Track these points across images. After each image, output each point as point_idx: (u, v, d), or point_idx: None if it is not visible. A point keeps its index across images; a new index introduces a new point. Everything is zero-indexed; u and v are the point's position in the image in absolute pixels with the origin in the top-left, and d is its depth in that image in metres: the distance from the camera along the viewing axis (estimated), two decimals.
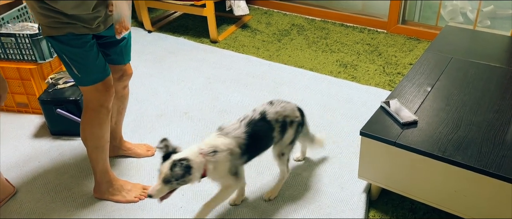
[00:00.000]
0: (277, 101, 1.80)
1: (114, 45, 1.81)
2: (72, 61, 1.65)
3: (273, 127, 1.73)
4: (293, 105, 1.84)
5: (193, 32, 3.52)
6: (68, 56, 1.65)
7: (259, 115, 1.71)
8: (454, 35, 2.45)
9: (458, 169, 1.53)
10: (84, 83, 1.70)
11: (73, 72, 1.68)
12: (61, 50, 1.64)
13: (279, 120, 1.75)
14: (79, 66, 1.66)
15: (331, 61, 2.99)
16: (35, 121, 2.49)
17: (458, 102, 1.83)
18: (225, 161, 1.61)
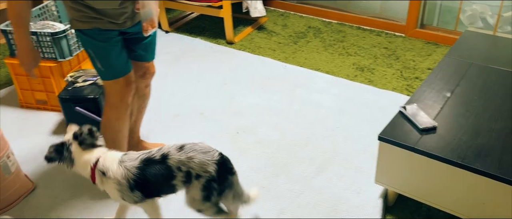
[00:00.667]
0: (191, 148, 1.54)
1: (140, 41, 1.85)
2: (96, 55, 1.72)
3: (174, 175, 1.52)
4: (211, 157, 1.52)
5: (210, 33, 3.54)
6: (93, 50, 1.72)
7: (160, 156, 1.53)
8: (474, 41, 2.42)
9: (477, 176, 1.51)
10: (106, 77, 1.77)
11: (97, 66, 1.75)
12: (87, 44, 1.71)
13: (182, 170, 1.51)
14: (102, 60, 1.73)
15: (348, 64, 2.98)
16: (54, 118, 2.53)
17: (478, 109, 1.81)
18: (112, 187, 1.55)
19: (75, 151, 1.57)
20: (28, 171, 2.11)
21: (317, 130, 2.34)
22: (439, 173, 1.60)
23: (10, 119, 2.54)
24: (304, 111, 2.51)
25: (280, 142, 2.27)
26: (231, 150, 2.23)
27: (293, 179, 2.03)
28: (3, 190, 1.88)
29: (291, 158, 2.15)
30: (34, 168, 2.15)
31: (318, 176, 2.04)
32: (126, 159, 1.56)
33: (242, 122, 2.44)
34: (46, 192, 2.01)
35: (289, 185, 1.99)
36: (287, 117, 2.47)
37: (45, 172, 2.12)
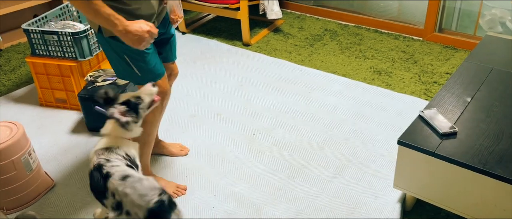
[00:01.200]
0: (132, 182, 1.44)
1: (165, 42, 1.86)
2: (133, 61, 1.69)
3: (106, 196, 1.49)
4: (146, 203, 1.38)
5: (226, 35, 3.56)
6: (130, 55, 1.68)
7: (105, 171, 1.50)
8: (494, 45, 2.39)
9: (498, 183, 1.49)
10: (144, 81, 1.73)
11: (134, 72, 1.72)
12: (123, 51, 1.67)
13: (115, 198, 1.46)
14: (140, 65, 1.71)
15: (365, 67, 2.97)
16: (73, 117, 2.56)
17: (499, 114, 1.78)
18: None
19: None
20: (48, 168, 2.15)
21: (334, 133, 2.34)
22: (459, 178, 1.58)
23: (30, 117, 2.58)
24: (320, 113, 2.51)
25: (297, 144, 2.27)
26: (248, 151, 2.23)
27: (309, 181, 2.03)
28: (24, 187, 1.91)
29: (307, 161, 2.15)
30: (54, 165, 2.18)
31: (335, 179, 2.03)
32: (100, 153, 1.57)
33: (259, 124, 2.44)
34: (64, 189, 2.04)
35: (305, 187, 1.99)
36: (304, 119, 2.47)
37: (64, 170, 2.15)
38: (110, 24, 1.49)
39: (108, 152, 1.57)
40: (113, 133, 1.60)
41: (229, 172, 2.10)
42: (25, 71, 3.09)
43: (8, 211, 1.91)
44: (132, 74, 1.74)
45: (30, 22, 2.55)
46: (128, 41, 1.53)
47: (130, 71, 1.73)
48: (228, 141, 2.31)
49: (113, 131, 1.59)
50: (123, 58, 1.70)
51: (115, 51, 1.70)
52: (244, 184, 2.03)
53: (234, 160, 2.18)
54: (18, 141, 1.84)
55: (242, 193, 1.97)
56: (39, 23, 2.59)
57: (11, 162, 1.83)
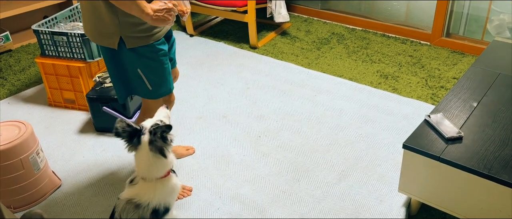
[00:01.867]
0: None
1: (170, 47, 1.85)
2: (147, 74, 1.69)
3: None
4: None
5: (233, 38, 3.57)
6: (144, 69, 1.67)
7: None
8: (501, 51, 2.38)
9: (504, 188, 1.49)
10: (153, 96, 1.73)
11: (145, 86, 1.72)
12: (139, 65, 1.66)
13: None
14: (154, 79, 1.71)
15: (372, 71, 2.96)
16: (81, 117, 2.59)
17: (506, 120, 1.78)
18: None
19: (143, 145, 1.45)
20: (55, 168, 2.17)
21: (340, 137, 2.34)
22: (464, 183, 1.58)
23: (38, 116, 2.61)
24: (326, 117, 2.51)
25: (302, 147, 2.27)
26: (253, 153, 2.24)
27: (314, 184, 2.03)
28: (32, 186, 1.93)
29: (312, 164, 2.16)
30: (61, 165, 2.21)
31: (340, 183, 2.03)
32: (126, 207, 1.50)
33: (264, 126, 2.45)
34: (72, 188, 2.06)
35: (310, 190, 2.00)
36: (309, 122, 2.47)
37: (71, 169, 2.18)
38: (140, 9, 1.47)
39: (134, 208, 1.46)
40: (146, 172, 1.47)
41: (234, 174, 2.11)
42: (34, 72, 3.13)
43: (16, 209, 1.94)
44: (143, 88, 1.73)
45: (40, 23, 2.59)
46: (158, 22, 1.51)
47: (142, 85, 1.72)
48: (234, 143, 2.32)
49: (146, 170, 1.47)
50: (136, 74, 1.69)
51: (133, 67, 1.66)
52: (249, 186, 2.04)
53: (239, 162, 2.19)
54: (26, 140, 1.87)
55: (247, 195, 1.98)
56: (49, 24, 2.63)
57: (19, 161, 1.86)
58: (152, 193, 1.48)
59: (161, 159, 1.47)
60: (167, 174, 1.52)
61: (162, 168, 1.49)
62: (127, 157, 2.24)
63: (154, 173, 1.48)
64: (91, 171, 2.16)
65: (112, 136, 2.38)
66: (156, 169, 1.48)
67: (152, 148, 1.44)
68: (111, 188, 2.05)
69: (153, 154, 1.45)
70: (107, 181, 2.09)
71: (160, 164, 1.48)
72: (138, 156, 1.48)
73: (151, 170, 1.48)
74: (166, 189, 1.52)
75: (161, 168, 1.49)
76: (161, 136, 1.45)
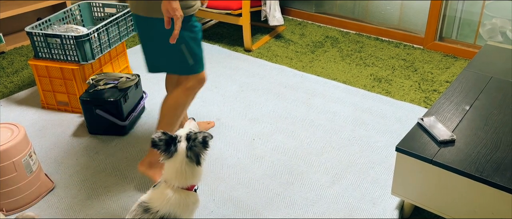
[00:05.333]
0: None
1: None
2: (190, 49, 1.79)
3: None
4: None
5: (228, 40, 3.58)
6: (188, 42, 1.77)
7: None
8: (493, 54, 2.40)
9: (496, 191, 1.50)
10: (194, 71, 1.84)
11: (187, 61, 1.81)
12: (185, 39, 1.75)
13: None
14: (194, 54, 1.81)
15: (365, 75, 2.98)
16: (74, 120, 2.58)
17: (498, 123, 1.79)
18: None
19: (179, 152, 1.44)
20: (48, 170, 2.16)
21: (333, 139, 2.35)
22: (457, 186, 1.59)
23: (31, 119, 2.60)
24: (320, 120, 2.52)
25: (296, 150, 2.28)
26: (247, 156, 2.24)
27: (308, 187, 2.03)
28: (24, 188, 1.92)
29: (306, 167, 2.16)
30: (54, 168, 2.20)
31: (334, 186, 2.04)
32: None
33: (258, 129, 2.45)
34: (65, 191, 2.05)
35: (304, 193, 2.00)
36: (303, 125, 2.48)
37: (64, 172, 2.17)
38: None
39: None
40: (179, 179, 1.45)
41: (228, 177, 2.11)
42: (27, 74, 3.11)
43: (8, 212, 1.92)
44: (184, 64, 1.81)
45: (34, 25, 2.58)
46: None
47: (183, 60, 1.80)
48: (228, 146, 2.32)
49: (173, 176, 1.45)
50: (180, 50, 1.77)
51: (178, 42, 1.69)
52: (243, 188, 2.04)
53: (233, 164, 2.19)
54: (19, 142, 1.86)
55: (241, 198, 1.98)
56: (43, 27, 2.62)
57: (12, 164, 1.84)
58: (165, 200, 1.45)
59: (193, 167, 1.46)
60: (190, 188, 1.50)
61: (191, 177, 1.48)
62: (120, 160, 2.23)
63: (180, 181, 1.46)
64: (84, 174, 2.15)
65: (106, 139, 2.39)
66: (184, 178, 1.46)
67: (189, 153, 1.44)
68: (104, 191, 2.04)
69: (188, 160, 1.44)
70: (100, 184, 2.08)
71: (189, 172, 1.46)
72: (171, 162, 1.46)
73: (179, 177, 1.46)
74: (181, 202, 1.47)
75: (189, 178, 1.47)
76: (202, 141, 1.44)
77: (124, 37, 2.83)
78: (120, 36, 2.78)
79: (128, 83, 2.44)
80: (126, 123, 2.37)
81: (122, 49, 2.92)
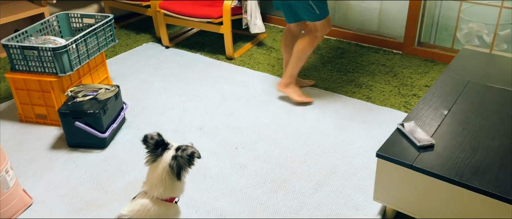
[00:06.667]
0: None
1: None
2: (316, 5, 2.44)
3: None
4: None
5: (210, 49, 3.57)
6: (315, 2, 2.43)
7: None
8: (470, 59, 2.45)
9: (475, 194, 1.52)
10: (319, 18, 2.50)
11: (314, 11, 2.47)
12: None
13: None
14: (319, 5, 2.46)
15: (346, 81, 3.00)
16: (53, 133, 2.53)
17: (475, 127, 1.82)
18: None
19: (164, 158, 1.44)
20: (26, 186, 2.11)
21: (316, 146, 2.35)
22: (437, 190, 1.60)
23: (9, 133, 2.54)
24: (303, 127, 2.52)
25: (279, 158, 2.27)
26: (230, 165, 2.23)
27: (291, 195, 2.03)
28: (1, 205, 1.87)
29: (289, 174, 2.16)
30: (32, 182, 2.15)
31: (317, 193, 2.04)
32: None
33: (241, 138, 2.44)
34: (43, 207, 2.00)
35: (287, 201, 1.99)
36: (286, 132, 2.48)
37: (43, 187, 2.12)
38: None
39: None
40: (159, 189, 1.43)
41: (211, 187, 2.09)
42: (4, 87, 3.05)
43: None
44: (312, 14, 2.48)
45: (10, 37, 2.53)
46: None
47: (311, 10, 2.47)
48: (211, 155, 2.31)
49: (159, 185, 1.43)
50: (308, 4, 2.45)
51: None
52: (226, 198, 2.02)
53: (216, 174, 2.17)
54: None
55: (224, 208, 1.96)
56: (20, 38, 2.57)
57: None
58: (145, 211, 1.42)
59: (173, 180, 1.43)
60: (170, 200, 1.47)
61: (170, 189, 1.45)
62: (100, 174, 2.20)
63: (159, 191, 1.43)
64: (64, 188, 2.11)
65: (85, 152, 2.35)
66: (163, 188, 1.44)
67: (173, 163, 1.42)
68: (84, 206, 2.00)
69: (170, 171, 1.42)
70: (80, 199, 2.04)
71: (170, 184, 1.44)
72: (152, 169, 1.45)
73: (158, 187, 1.43)
74: (161, 213, 1.45)
75: (168, 189, 1.45)
76: (189, 155, 1.42)
77: (103, 48, 2.79)
78: (99, 46, 2.75)
79: (107, 94, 2.41)
80: (106, 135, 2.34)
81: (102, 60, 2.88)
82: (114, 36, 2.89)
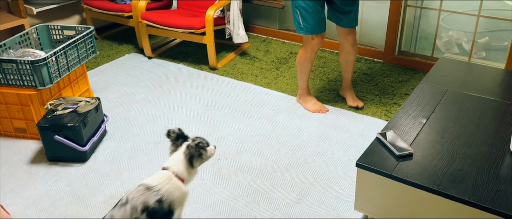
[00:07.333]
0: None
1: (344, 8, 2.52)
2: (301, 12, 2.45)
3: None
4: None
5: (193, 59, 3.57)
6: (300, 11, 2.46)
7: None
8: (449, 67, 2.49)
9: (453, 203, 1.54)
10: (302, 31, 2.53)
11: (299, 22, 2.50)
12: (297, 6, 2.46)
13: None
14: (305, 17, 2.46)
15: (328, 89, 3.02)
16: (33, 146, 2.49)
17: (453, 135, 1.85)
18: None
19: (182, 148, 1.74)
20: (4, 201, 2.07)
21: (298, 156, 2.36)
22: (416, 199, 1.62)
23: None
24: (285, 136, 2.53)
25: (262, 168, 2.27)
26: (213, 177, 2.22)
27: (274, 206, 2.03)
28: None
29: (272, 185, 2.16)
30: (11, 198, 2.11)
31: (299, 203, 2.04)
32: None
33: (224, 148, 2.44)
34: None
35: (270, 212, 1.99)
36: (269, 142, 2.48)
37: (22, 203, 2.08)
38: None
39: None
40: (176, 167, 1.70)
41: (193, 199, 2.08)
42: None
43: None
44: (299, 24, 2.52)
45: None
46: None
47: (298, 22, 2.51)
48: None
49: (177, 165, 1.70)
50: (296, 13, 2.49)
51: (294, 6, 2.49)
52: (209, 211, 2.01)
53: (199, 186, 2.16)
54: None
55: None
56: None
57: None
58: (166, 180, 1.66)
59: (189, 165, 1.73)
60: (182, 180, 1.71)
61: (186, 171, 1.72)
62: (80, 187, 2.17)
63: (179, 168, 1.70)
64: (43, 203, 2.07)
65: (65, 166, 2.31)
66: (181, 167, 1.71)
67: (186, 151, 1.72)
68: None
69: (185, 156, 1.72)
70: (59, 214, 2.01)
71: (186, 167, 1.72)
72: (176, 153, 1.74)
73: (178, 165, 1.71)
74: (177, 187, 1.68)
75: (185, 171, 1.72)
76: (197, 146, 1.71)
77: (83, 60, 2.77)
78: (80, 58, 2.73)
79: (87, 107, 2.38)
80: (86, 149, 2.31)
81: (82, 72, 2.86)
82: (95, 48, 2.86)
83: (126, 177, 2.23)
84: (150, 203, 1.58)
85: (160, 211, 1.60)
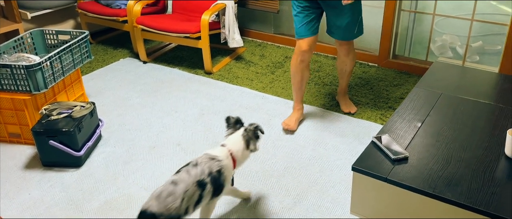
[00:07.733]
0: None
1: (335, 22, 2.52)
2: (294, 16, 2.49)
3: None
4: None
5: (188, 63, 3.57)
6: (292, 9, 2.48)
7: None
8: (443, 71, 2.50)
9: (448, 206, 1.54)
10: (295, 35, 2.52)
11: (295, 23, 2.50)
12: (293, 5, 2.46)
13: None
14: (294, 20, 2.49)
15: (324, 94, 3.03)
16: (27, 152, 2.48)
17: (448, 139, 1.86)
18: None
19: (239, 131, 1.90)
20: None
21: (294, 160, 2.36)
22: (411, 203, 1.62)
23: None
24: (281, 140, 2.53)
25: (257, 173, 2.27)
26: None
27: (270, 211, 2.03)
28: None
29: (268, 189, 2.16)
30: (5, 204, 2.09)
31: (295, 207, 2.04)
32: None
33: None
34: None
35: (266, 217, 1.99)
36: (265, 147, 2.48)
37: (16, 209, 2.07)
38: None
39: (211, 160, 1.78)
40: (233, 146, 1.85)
41: None
42: None
43: None
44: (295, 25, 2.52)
45: None
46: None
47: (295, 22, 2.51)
48: None
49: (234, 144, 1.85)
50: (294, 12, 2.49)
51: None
52: None
53: None
54: None
55: None
56: None
57: None
58: (226, 155, 1.81)
59: (244, 148, 1.87)
60: (234, 162, 1.83)
61: (241, 152, 1.86)
62: (75, 193, 2.15)
63: (236, 147, 1.85)
64: (37, 209, 2.06)
65: (60, 171, 2.30)
66: (237, 148, 1.85)
67: (244, 134, 1.88)
68: None
69: (242, 138, 1.87)
70: None
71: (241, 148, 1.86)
72: (235, 134, 1.89)
73: (236, 145, 1.85)
74: (229, 166, 1.81)
75: (240, 152, 1.85)
76: (254, 130, 1.89)
77: (78, 64, 2.76)
78: (74, 63, 2.72)
79: (82, 112, 2.37)
80: (81, 154, 2.30)
81: (77, 77, 2.85)
82: (89, 53, 2.86)
83: (121, 182, 2.22)
84: (214, 171, 1.73)
85: (218, 180, 1.74)
